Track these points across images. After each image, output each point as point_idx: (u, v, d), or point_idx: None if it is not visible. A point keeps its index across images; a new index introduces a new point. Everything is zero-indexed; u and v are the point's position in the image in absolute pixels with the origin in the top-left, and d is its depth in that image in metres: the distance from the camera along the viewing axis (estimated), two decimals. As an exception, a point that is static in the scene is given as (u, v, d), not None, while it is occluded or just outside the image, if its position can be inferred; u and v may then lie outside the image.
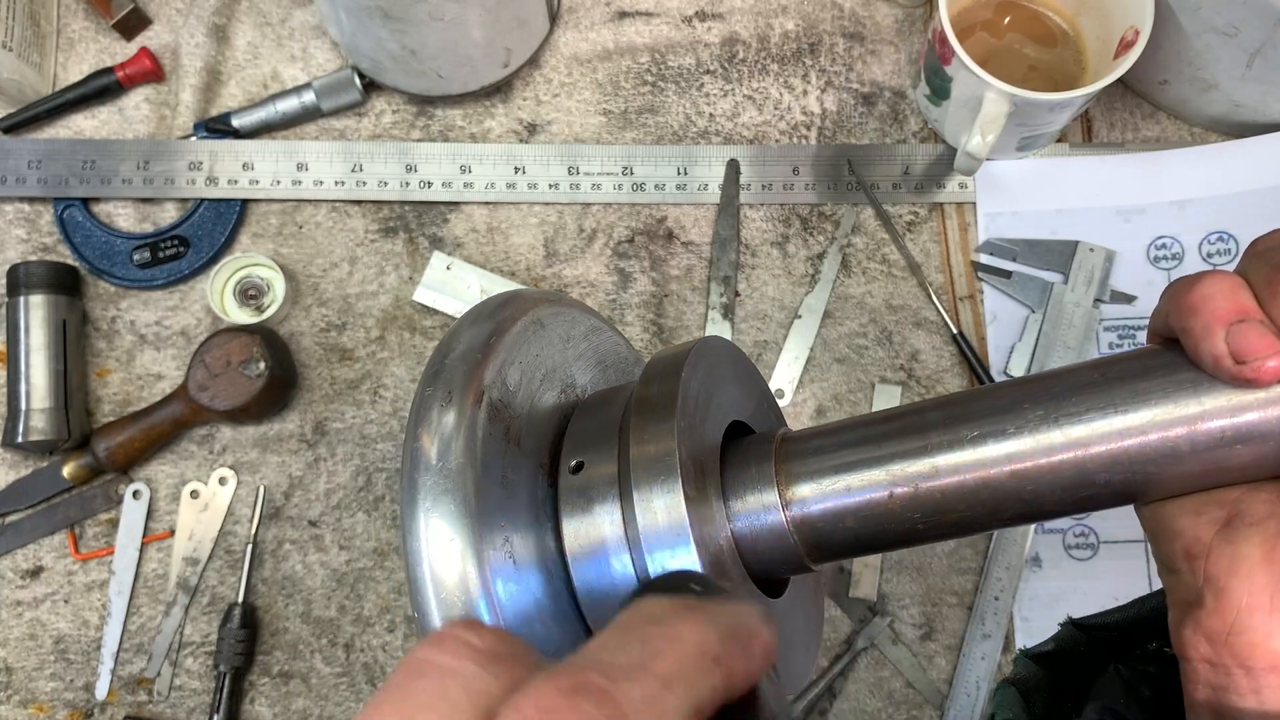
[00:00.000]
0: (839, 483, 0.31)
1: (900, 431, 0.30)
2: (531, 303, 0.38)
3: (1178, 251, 0.65)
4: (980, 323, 0.66)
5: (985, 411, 0.28)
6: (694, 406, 0.33)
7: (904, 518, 0.30)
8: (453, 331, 0.36)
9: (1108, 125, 0.69)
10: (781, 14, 0.71)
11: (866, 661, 0.62)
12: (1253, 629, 0.24)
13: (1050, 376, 0.28)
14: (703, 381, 0.35)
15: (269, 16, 0.71)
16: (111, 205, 0.68)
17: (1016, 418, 0.28)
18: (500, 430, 0.33)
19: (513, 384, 0.34)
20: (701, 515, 0.31)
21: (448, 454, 0.31)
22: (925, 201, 0.67)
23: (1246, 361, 0.23)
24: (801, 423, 0.65)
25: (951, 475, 0.28)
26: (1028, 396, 0.28)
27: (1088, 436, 0.27)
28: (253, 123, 0.68)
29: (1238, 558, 0.24)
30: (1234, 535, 0.25)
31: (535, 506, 0.33)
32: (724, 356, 0.38)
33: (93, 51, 0.71)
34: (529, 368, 0.36)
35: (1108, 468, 0.27)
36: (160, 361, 0.66)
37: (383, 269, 0.67)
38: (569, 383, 0.38)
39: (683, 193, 0.67)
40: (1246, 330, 0.23)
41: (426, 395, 0.33)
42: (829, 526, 0.31)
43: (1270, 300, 0.23)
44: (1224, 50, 0.61)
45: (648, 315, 0.66)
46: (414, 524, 0.30)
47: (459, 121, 0.69)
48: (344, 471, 0.64)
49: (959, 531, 0.30)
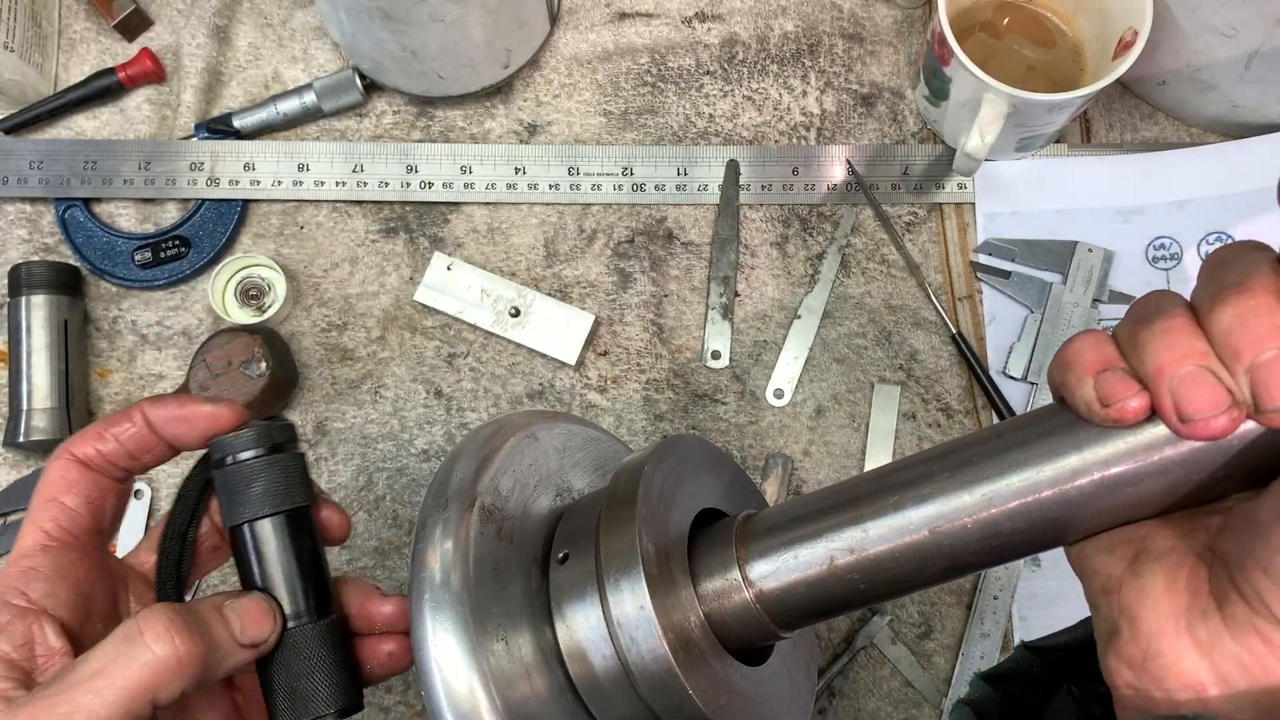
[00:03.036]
0: (789, 556, 0.34)
1: (837, 505, 0.34)
2: (526, 419, 0.43)
3: (1176, 252, 0.66)
4: (979, 323, 0.66)
5: (906, 481, 0.32)
6: (658, 499, 0.37)
7: (847, 580, 0.33)
8: (454, 451, 0.40)
9: (1106, 126, 0.69)
10: (781, 15, 0.71)
11: (865, 660, 0.62)
12: (1164, 653, 0.26)
13: (962, 444, 0.31)
14: (668, 475, 0.38)
15: (270, 17, 0.71)
16: (113, 205, 0.69)
17: (931, 483, 0.31)
18: (492, 530, 0.37)
19: (505, 490, 0.39)
20: (668, 601, 0.35)
21: (448, 570, 0.35)
22: (924, 202, 0.68)
23: (1112, 404, 0.26)
24: (800, 422, 0.65)
25: (880, 541, 0.32)
26: (941, 464, 0.31)
27: (992, 494, 0.30)
28: (254, 123, 0.68)
29: (1144, 589, 0.27)
30: (1140, 569, 0.27)
31: (529, 599, 0.37)
32: (692, 449, 0.41)
33: (94, 52, 0.71)
34: (522, 475, 0.40)
35: (1013, 519, 0.29)
36: (161, 361, 0.66)
37: (383, 269, 0.67)
38: (564, 487, 0.42)
39: (682, 193, 0.68)
40: (1110, 377, 0.26)
41: (429, 510, 0.37)
42: (786, 596, 0.35)
43: (1131, 353, 0.26)
44: (1222, 51, 0.61)
45: (648, 315, 0.66)
46: (422, 639, 0.34)
47: (459, 122, 0.70)
48: (345, 471, 0.65)
49: (897, 589, 0.33)
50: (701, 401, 0.65)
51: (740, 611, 0.35)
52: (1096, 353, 0.27)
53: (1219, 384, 0.24)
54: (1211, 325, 0.25)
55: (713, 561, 0.36)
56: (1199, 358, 0.25)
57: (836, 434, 0.65)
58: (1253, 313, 0.24)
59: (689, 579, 0.36)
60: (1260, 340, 0.24)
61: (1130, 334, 0.26)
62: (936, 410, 0.65)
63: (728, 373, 0.66)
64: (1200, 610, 0.26)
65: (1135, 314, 0.27)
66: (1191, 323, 0.25)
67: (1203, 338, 0.25)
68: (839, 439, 0.65)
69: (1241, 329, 0.24)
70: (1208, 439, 0.25)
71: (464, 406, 0.65)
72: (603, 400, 0.65)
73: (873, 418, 0.65)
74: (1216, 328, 0.25)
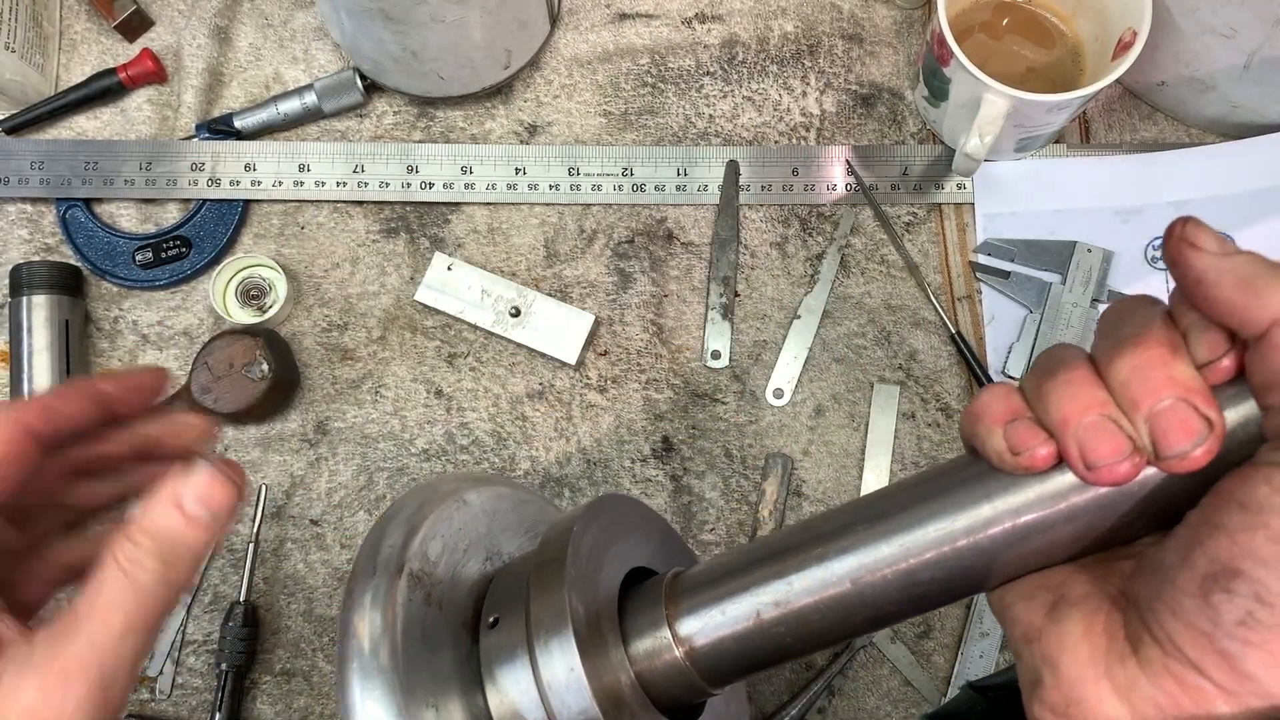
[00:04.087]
0: (717, 612, 0.35)
1: (763, 559, 0.34)
2: (455, 484, 0.43)
3: (1175, 252, 0.66)
4: (978, 323, 0.66)
5: (828, 533, 0.32)
6: (587, 559, 0.37)
7: (773, 634, 0.33)
8: (384, 516, 0.40)
9: (1105, 126, 0.69)
10: (781, 16, 0.71)
11: (865, 659, 0.62)
12: (1085, 699, 0.26)
13: (882, 495, 0.32)
14: (597, 535, 0.38)
15: (271, 18, 0.71)
16: (114, 206, 0.69)
17: (852, 535, 0.31)
18: (421, 597, 0.37)
19: (434, 555, 0.39)
20: (599, 663, 0.35)
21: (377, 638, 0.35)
22: (924, 202, 0.68)
23: (1021, 452, 0.27)
24: (799, 422, 0.65)
25: (805, 594, 0.32)
26: (861, 516, 0.32)
27: (910, 544, 0.30)
28: (255, 124, 0.68)
29: (1064, 636, 0.28)
30: (1059, 616, 0.28)
31: (460, 665, 0.37)
32: (621, 509, 0.41)
33: (95, 53, 0.71)
34: (451, 541, 0.40)
35: (931, 569, 0.30)
36: (163, 361, 0.66)
37: (384, 269, 0.67)
38: (494, 551, 0.42)
39: (682, 194, 0.68)
40: (1018, 427, 0.27)
41: (357, 578, 0.38)
42: (715, 653, 0.35)
43: (1037, 404, 0.27)
44: (1221, 51, 0.61)
45: (648, 315, 0.67)
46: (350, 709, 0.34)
47: (460, 123, 0.70)
48: (345, 471, 0.65)
49: (822, 641, 0.33)
50: (701, 401, 0.65)
51: (671, 670, 0.36)
52: (1005, 404, 0.28)
53: (1120, 432, 0.25)
54: (1111, 376, 0.26)
55: (643, 621, 0.37)
56: (1101, 407, 0.26)
57: (836, 434, 0.65)
58: (1148, 364, 0.25)
59: (619, 639, 0.37)
60: (1157, 390, 0.25)
61: (1036, 386, 0.27)
62: (936, 410, 0.65)
63: (727, 372, 0.66)
64: (1118, 654, 0.26)
65: (1040, 367, 0.28)
66: (1093, 374, 0.27)
67: (1104, 388, 0.26)
68: (838, 439, 0.65)
69: (1139, 379, 0.25)
70: (1112, 484, 0.26)
71: (464, 406, 0.65)
72: (603, 400, 0.65)
73: (872, 418, 0.65)
74: (1116, 378, 0.26)
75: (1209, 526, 0.25)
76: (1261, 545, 0.23)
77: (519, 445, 0.65)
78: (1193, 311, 0.26)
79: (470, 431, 0.65)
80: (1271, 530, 0.23)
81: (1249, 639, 0.23)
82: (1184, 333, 0.26)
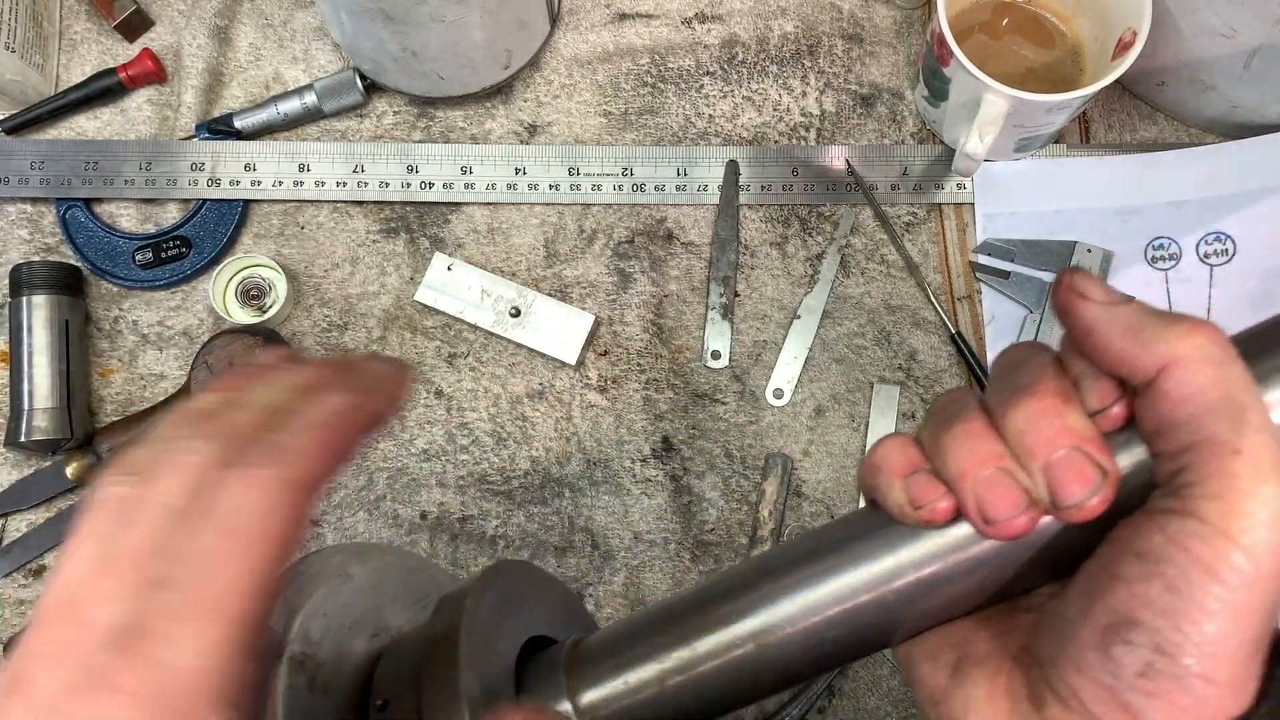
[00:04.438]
0: (620, 681, 0.33)
1: (666, 621, 0.33)
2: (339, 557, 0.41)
3: (1175, 252, 0.66)
4: (978, 323, 0.66)
5: (730, 592, 0.31)
6: (482, 632, 0.36)
7: (680, 700, 0.32)
8: None
9: (1105, 126, 0.69)
10: (780, 16, 0.71)
11: (865, 660, 0.62)
12: None
13: (784, 550, 0.31)
14: (493, 604, 0.37)
15: (271, 18, 0.71)
16: (114, 206, 0.69)
17: (754, 593, 0.31)
18: (303, 682, 0.35)
19: (316, 636, 0.37)
20: None
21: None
22: (923, 202, 0.68)
23: (922, 506, 0.27)
24: (799, 422, 0.65)
25: (709, 657, 0.31)
26: (764, 573, 0.31)
27: (812, 601, 0.29)
28: (255, 124, 0.68)
29: (968, 699, 0.28)
30: (962, 678, 0.28)
31: None
32: (517, 575, 0.40)
33: (95, 53, 0.71)
34: (335, 618, 0.38)
35: (835, 627, 0.29)
36: (163, 361, 0.66)
37: (384, 269, 0.67)
38: (382, 626, 0.40)
39: (682, 193, 0.68)
40: (918, 480, 0.27)
41: None
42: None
43: (935, 456, 0.27)
44: (1221, 51, 0.61)
45: (648, 315, 0.67)
46: None
47: (460, 123, 0.70)
48: (345, 471, 0.65)
49: (731, 704, 0.32)
50: (701, 401, 0.65)
51: None
52: (903, 456, 0.28)
53: (1017, 485, 0.26)
54: (1006, 427, 0.26)
55: (543, 694, 0.35)
56: (997, 460, 0.26)
57: (836, 434, 0.65)
58: (1042, 414, 0.26)
59: None
60: (1052, 440, 0.25)
61: (933, 438, 0.28)
62: (936, 410, 0.65)
63: (727, 373, 0.66)
64: (1022, 713, 0.26)
65: (935, 417, 0.28)
66: (988, 425, 0.27)
67: (999, 439, 0.26)
68: (838, 439, 0.65)
69: (1033, 430, 0.26)
70: (1010, 539, 0.26)
71: (464, 406, 0.65)
72: (603, 400, 0.65)
73: (872, 418, 0.65)
74: (1011, 429, 0.26)
75: (1107, 577, 0.25)
76: (1158, 595, 0.23)
77: (519, 445, 0.65)
78: (1083, 359, 0.26)
79: (470, 431, 0.65)
80: (1167, 579, 0.23)
81: (1150, 690, 0.23)
82: (1075, 380, 0.26)
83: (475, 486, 0.64)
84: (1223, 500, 0.23)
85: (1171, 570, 0.23)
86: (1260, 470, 0.23)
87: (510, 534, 0.64)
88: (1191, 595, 0.23)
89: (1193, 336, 0.24)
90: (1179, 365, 0.24)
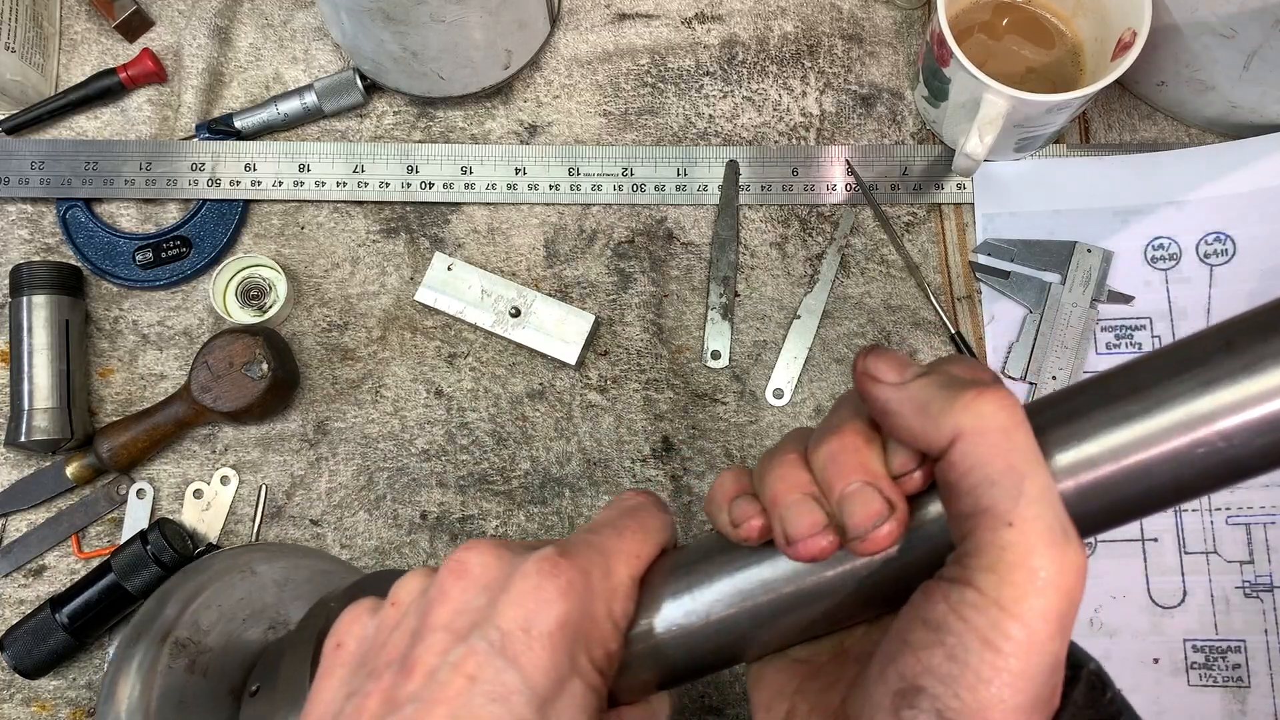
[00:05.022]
0: None
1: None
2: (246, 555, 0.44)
3: (1175, 252, 0.66)
4: (978, 323, 0.66)
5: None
6: None
7: None
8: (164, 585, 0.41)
9: (1105, 126, 0.69)
10: (780, 16, 0.71)
11: (865, 660, 0.62)
12: None
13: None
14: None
15: (271, 18, 0.71)
16: (114, 206, 0.69)
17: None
18: (183, 664, 0.39)
19: (207, 624, 0.40)
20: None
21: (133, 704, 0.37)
22: (923, 202, 0.68)
23: (740, 525, 0.29)
24: (799, 421, 0.65)
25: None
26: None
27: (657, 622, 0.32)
28: (255, 124, 0.68)
29: None
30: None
31: None
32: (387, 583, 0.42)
33: (95, 53, 0.71)
34: (229, 610, 0.41)
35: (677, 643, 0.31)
36: (163, 361, 0.66)
37: (384, 269, 0.67)
38: (280, 620, 0.43)
39: (682, 194, 0.68)
40: (740, 503, 0.30)
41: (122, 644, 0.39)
42: None
43: (758, 485, 0.30)
44: (1221, 51, 0.61)
45: (648, 315, 0.67)
46: None
47: (460, 123, 0.70)
48: (345, 471, 0.65)
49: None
50: (701, 401, 0.65)
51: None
52: (735, 484, 0.31)
53: (818, 510, 0.28)
54: (813, 461, 0.29)
55: None
56: (805, 488, 0.28)
57: (836, 434, 0.65)
58: (842, 450, 0.28)
59: None
60: (847, 474, 0.27)
61: (759, 471, 0.30)
62: (936, 410, 0.65)
63: (727, 373, 0.66)
64: None
65: (767, 454, 0.31)
66: (801, 459, 0.29)
67: (808, 472, 0.29)
68: (838, 439, 0.65)
69: (833, 465, 0.28)
70: (810, 559, 0.28)
71: (464, 406, 0.65)
72: (603, 400, 0.65)
73: (872, 418, 0.65)
74: (816, 463, 0.29)
75: (899, 642, 0.26)
76: (940, 663, 0.24)
77: (519, 445, 0.65)
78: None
79: (470, 431, 0.65)
80: (947, 648, 0.24)
81: None
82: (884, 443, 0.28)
83: (475, 486, 0.64)
84: (995, 572, 0.24)
85: (951, 639, 0.24)
86: (1030, 541, 0.24)
87: (510, 534, 0.64)
88: (968, 663, 0.24)
89: (978, 405, 0.25)
90: (963, 438, 0.25)
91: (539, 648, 0.28)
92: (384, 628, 0.31)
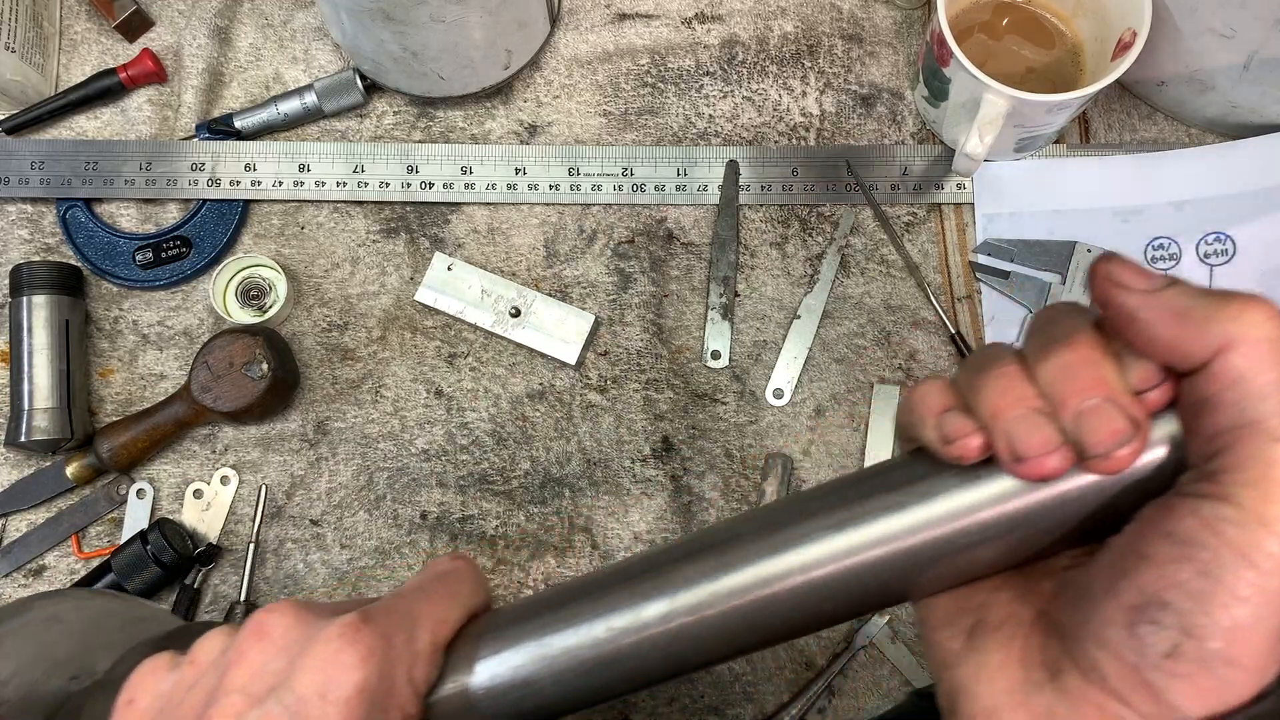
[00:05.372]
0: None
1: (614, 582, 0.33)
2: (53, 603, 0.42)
3: (1175, 252, 0.66)
4: (978, 323, 0.66)
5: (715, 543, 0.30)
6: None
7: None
8: None
9: (1105, 126, 0.69)
10: (780, 16, 0.71)
11: (865, 659, 0.62)
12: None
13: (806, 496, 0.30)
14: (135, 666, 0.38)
15: (271, 18, 0.71)
16: (114, 206, 0.69)
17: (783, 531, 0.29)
18: None
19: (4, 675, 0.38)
20: None
21: None
22: (923, 202, 0.68)
23: (953, 441, 0.27)
24: (799, 421, 0.65)
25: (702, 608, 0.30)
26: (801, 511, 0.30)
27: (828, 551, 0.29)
28: (255, 124, 0.68)
29: (981, 665, 0.27)
30: (977, 644, 0.28)
31: None
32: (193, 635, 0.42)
33: (95, 53, 0.71)
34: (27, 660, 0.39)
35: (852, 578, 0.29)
36: (163, 361, 0.66)
37: (384, 269, 0.67)
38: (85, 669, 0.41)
39: (682, 194, 0.68)
40: (951, 417, 0.27)
41: None
42: None
43: (970, 397, 0.27)
44: (1221, 51, 0.61)
45: (648, 315, 0.67)
46: None
47: (460, 123, 0.70)
48: (345, 471, 0.65)
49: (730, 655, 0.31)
50: (701, 401, 0.65)
51: None
52: (940, 397, 0.28)
53: (1050, 424, 0.25)
54: (1040, 374, 0.26)
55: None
56: (1031, 401, 0.26)
57: (836, 434, 0.65)
58: (1077, 363, 0.26)
59: None
60: (1084, 389, 0.25)
61: (968, 381, 0.28)
62: (936, 410, 0.65)
63: (727, 373, 0.66)
64: (1035, 682, 0.26)
65: (971, 364, 0.28)
66: (1023, 371, 0.27)
67: (1034, 385, 0.26)
68: (838, 439, 0.65)
69: (1067, 378, 0.25)
70: (1040, 478, 0.26)
71: (464, 406, 0.65)
72: (603, 400, 0.65)
73: (872, 418, 0.65)
74: (1044, 377, 0.26)
75: (1135, 556, 0.25)
76: (1190, 579, 0.23)
77: (519, 445, 0.65)
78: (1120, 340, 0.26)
79: (470, 431, 0.65)
80: (1199, 564, 0.23)
81: (1175, 671, 0.23)
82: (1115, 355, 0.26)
83: (475, 486, 0.64)
84: (1258, 488, 0.23)
85: (1204, 554, 0.23)
86: None
87: (510, 534, 0.64)
88: (1223, 580, 0.23)
89: (1249, 314, 0.24)
90: (1233, 347, 0.24)
91: (335, 714, 0.28)
92: (180, 686, 0.31)
